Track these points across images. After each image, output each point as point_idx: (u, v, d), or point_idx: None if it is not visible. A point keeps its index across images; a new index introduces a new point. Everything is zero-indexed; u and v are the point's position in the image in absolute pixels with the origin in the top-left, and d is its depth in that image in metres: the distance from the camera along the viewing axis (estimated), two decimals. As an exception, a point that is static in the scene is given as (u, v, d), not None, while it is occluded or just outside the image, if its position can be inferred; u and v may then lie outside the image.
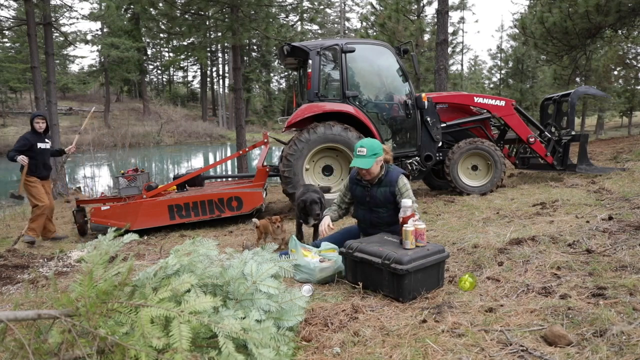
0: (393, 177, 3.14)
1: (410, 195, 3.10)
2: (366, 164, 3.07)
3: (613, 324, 1.93)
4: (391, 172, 3.18)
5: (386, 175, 3.16)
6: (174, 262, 1.87)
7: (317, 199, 3.76)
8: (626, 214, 3.84)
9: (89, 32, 22.16)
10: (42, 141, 5.48)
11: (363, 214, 3.33)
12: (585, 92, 8.00)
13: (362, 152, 3.08)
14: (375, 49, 6.31)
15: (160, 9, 10.91)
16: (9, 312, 1.47)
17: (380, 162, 3.14)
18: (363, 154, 3.08)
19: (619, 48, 17.56)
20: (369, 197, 3.20)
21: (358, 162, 3.09)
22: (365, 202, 3.26)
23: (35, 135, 5.43)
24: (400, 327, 2.14)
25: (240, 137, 11.59)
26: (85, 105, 33.95)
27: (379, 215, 3.21)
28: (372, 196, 3.19)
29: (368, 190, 3.21)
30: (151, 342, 1.40)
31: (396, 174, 3.16)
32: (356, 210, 3.43)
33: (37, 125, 5.44)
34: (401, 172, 3.19)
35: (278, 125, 33.48)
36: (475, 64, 37.28)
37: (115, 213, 5.51)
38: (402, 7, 14.29)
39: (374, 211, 3.23)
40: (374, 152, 3.07)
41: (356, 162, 3.10)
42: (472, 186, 6.36)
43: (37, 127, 5.44)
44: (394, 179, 3.13)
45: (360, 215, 3.36)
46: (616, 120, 31.14)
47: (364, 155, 3.07)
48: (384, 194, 3.15)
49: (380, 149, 3.12)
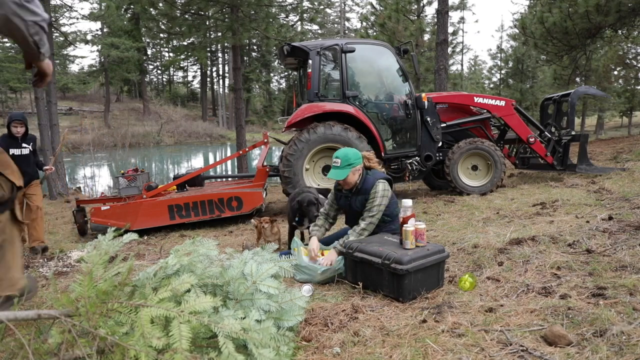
0: (369, 185, 3.12)
1: (376, 202, 3.06)
2: (340, 175, 3.08)
3: (613, 324, 1.93)
4: (368, 179, 3.14)
5: (363, 183, 3.15)
6: (174, 262, 1.87)
7: (313, 199, 3.71)
8: (626, 214, 3.84)
9: (89, 32, 22.19)
10: (18, 146, 4.88)
11: (350, 222, 3.36)
12: (585, 92, 8.00)
13: (336, 163, 3.10)
14: (375, 49, 6.32)
15: (160, 9, 10.92)
16: (9, 312, 1.47)
17: (357, 172, 3.13)
18: (337, 165, 3.09)
19: (619, 48, 17.57)
20: (349, 206, 3.23)
21: (332, 173, 3.12)
22: (349, 211, 3.29)
23: (10, 140, 4.86)
24: (400, 327, 2.14)
25: (240, 137, 11.60)
26: (85, 105, 33.99)
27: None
28: (352, 205, 3.21)
29: (349, 199, 3.23)
30: (151, 342, 1.40)
31: (372, 182, 3.11)
32: (346, 218, 3.46)
33: (15, 129, 4.86)
34: (379, 177, 3.13)
35: (278, 125, 33.51)
36: (475, 64, 37.31)
37: (115, 213, 5.51)
38: (402, 7, 14.30)
39: (357, 219, 3.21)
40: (348, 162, 3.07)
41: (331, 174, 3.13)
42: (472, 186, 6.36)
43: (14, 132, 4.86)
44: (369, 187, 3.11)
45: (349, 222, 3.39)
46: (616, 120, 31.17)
47: (337, 166, 3.09)
48: (362, 202, 3.15)
49: (356, 158, 3.10)
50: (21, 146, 4.91)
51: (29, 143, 4.99)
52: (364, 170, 3.20)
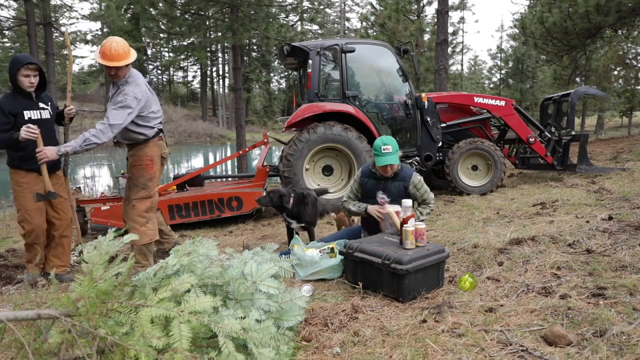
0: (407, 173, 3.25)
1: (426, 189, 3.26)
2: (395, 159, 3.17)
3: (613, 324, 1.93)
4: (404, 167, 3.31)
5: (401, 170, 3.27)
6: (174, 262, 1.87)
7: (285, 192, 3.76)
8: (626, 214, 3.84)
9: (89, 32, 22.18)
10: (35, 107, 3.25)
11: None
12: (585, 92, 7.99)
13: (388, 150, 3.14)
14: (375, 49, 6.31)
15: (160, 9, 10.92)
16: (9, 312, 1.47)
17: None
18: (389, 151, 3.14)
19: (619, 48, 17.57)
20: (382, 190, 3.25)
21: (388, 159, 3.15)
22: (374, 197, 3.29)
23: (21, 99, 3.18)
24: (400, 327, 2.14)
25: (240, 137, 11.59)
26: (85, 105, 33.95)
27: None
28: (386, 189, 3.24)
29: (382, 184, 3.27)
30: (151, 342, 1.40)
31: (410, 170, 3.29)
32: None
33: (26, 80, 3.14)
34: (413, 168, 3.37)
35: (278, 125, 33.48)
36: (475, 64, 37.31)
37: (115, 213, 5.51)
38: (402, 7, 14.31)
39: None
40: (397, 148, 3.19)
41: (386, 160, 3.15)
42: (472, 186, 6.36)
43: (26, 84, 3.15)
44: (409, 175, 3.24)
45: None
46: (616, 120, 31.15)
47: (390, 153, 3.14)
48: (398, 188, 3.23)
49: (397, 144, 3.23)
50: (39, 106, 3.28)
51: (47, 103, 3.37)
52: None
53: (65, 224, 3.48)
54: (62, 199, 3.42)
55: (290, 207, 3.71)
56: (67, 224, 3.49)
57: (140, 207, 3.38)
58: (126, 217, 3.40)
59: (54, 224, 3.42)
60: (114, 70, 3.16)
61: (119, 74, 3.21)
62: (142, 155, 3.40)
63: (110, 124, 3.05)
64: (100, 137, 3.03)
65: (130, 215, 3.38)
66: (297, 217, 3.79)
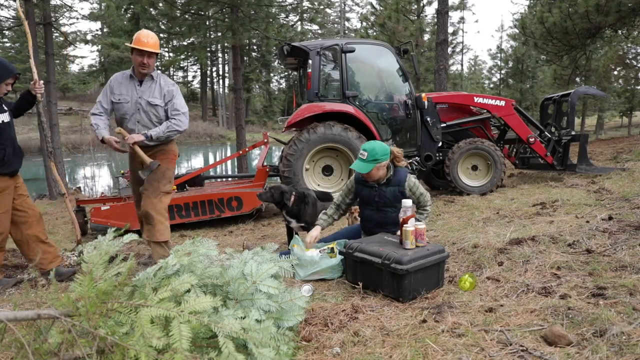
0: (401, 177, 3.20)
1: (422, 191, 3.21)
2: (364, 168, 3.08)
3: (613, 324, 1.93)
4: (400, 171, 3.24)
5: (394, 175, 3.21)
6: (174, 262, 1.87)
7: (286, 189, 3.74)
8: (626, 214, 3.83)
9: (89, 32, 22.20)
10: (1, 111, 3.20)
11: (369, 214, 3.32)
12: (585, 92, 7.99)
13: (362, 156, 3.11)
14: (375, 49, 6.32)
15: (160, 9, 10.92)
16: (9, 312, 1.47)
17: (382, 167, 3.13)
18: (363, 158, 3.10)
19: (619, 48, 17.56)
20: (378, 196, 3.21)
21: (357, 165, 3.12)
22: (373, 202, 3.25)
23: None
24: (400, 327, 2.14)
25: (240, 137, 11.60)
26: (85, 105, 33.88)
27: (387, 214, 3.21)
28: (381, 196, 3.20)
29: (377, 190, 3.22)
30: (151, 342, 1.40)
31: (403, 174, 3.22)
32: (362, 211, 3.43)
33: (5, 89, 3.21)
34: (407, 171, 3.27)
35: (278, 125, 33.48)
36: (475, 64, 37.30)
37: (115, 213, 5.51)
38: (402, 7, 14.32)
39: (381, 211, 3.22)
40: (374, 157, 3.05)
41: (355, 165, 3.14)
42: (472, 186, 6.36)
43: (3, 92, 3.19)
44: (403, 178, 3.19)
45: (366, 215, 3.36)
46: (616, 120, 31.16)
47: (363, 160, 3.09)
48: (393, 193, 3.17)
49: (383, 154, 3.08)
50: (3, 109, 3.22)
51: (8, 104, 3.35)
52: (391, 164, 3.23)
53: (35, 218, 3.44)
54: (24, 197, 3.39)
55: (291, 205, 3.71)
56: (37, 218, 3.45)
57: (165, 202, 3.44)
58: (153, 210, 3.34)
59: (25, 222, 3.36)
60: (147, 57, 3.25)
61: (150, 63, 3.29)
62: (170, 151, 3.51)
63: (184, 111, 3.37)
64: (180, 125, 3.35)
65: (159, 208, 3.38)
66: (297, 216, 3.78)
